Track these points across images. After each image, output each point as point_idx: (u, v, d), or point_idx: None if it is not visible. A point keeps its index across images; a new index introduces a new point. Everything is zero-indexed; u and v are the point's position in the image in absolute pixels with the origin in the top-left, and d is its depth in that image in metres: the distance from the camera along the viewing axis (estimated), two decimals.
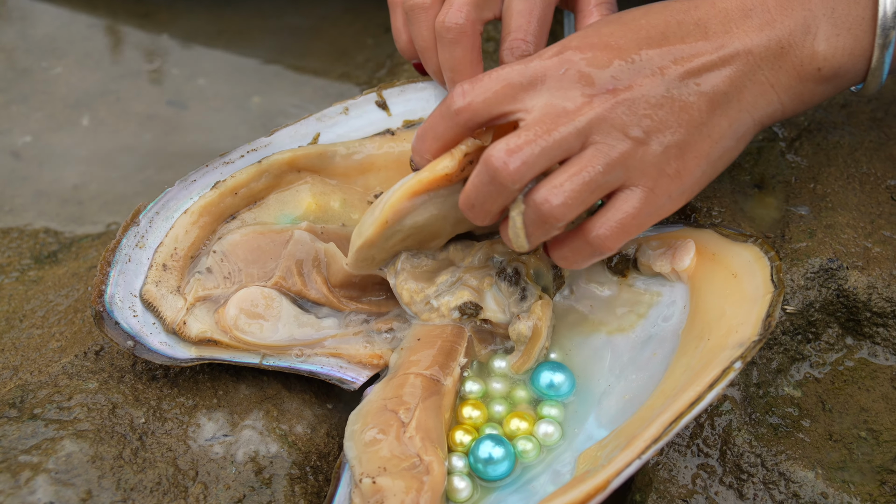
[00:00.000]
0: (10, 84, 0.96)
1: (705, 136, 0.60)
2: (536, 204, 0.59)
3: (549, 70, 0.60)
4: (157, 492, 0.60)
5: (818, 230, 0.69)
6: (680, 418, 0.55)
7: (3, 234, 0.81)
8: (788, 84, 0.62)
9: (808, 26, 0.61)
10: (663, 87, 0.59)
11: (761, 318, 0.58)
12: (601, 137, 0.59)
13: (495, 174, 0.58)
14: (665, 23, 0.61)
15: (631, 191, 0.60)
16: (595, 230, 0.60)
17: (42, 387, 0.64)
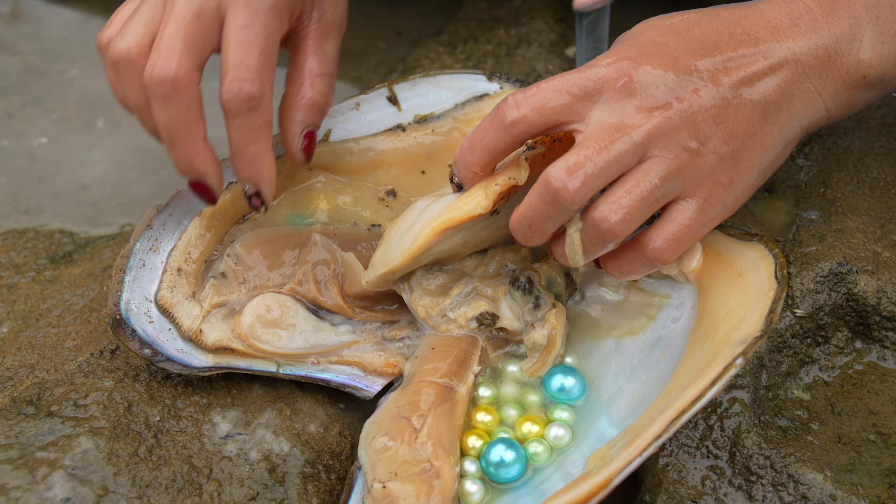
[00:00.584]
0: (26, 86, 0.96)
1: (757, 144, 0.61)
2: (595, 221, 0.59)
3: (607, 81, 0.59)
4: (172, 489, 0.60)
5: (828, 234, 0.69)
6: (681, 415, 0.55)
7: (19, 235, 0.81)
8: (835, 92, 0.62)
9: (853, 34, 0.62)
10: (718, 98, 0.59)
11: (764, 315, 0.59)
12: (658, 151, 0.59)
13: (556, 195, 0.57)
14: (717, 33, 0.61)
15: (686, 202, 0.60)
16: (652, 243, 0.60)
17: (58, 384, 0.64)
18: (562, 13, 0.96)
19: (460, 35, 0.95)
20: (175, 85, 0.58)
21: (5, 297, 0.74)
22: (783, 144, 0.62)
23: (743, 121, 0.60)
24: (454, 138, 0.73)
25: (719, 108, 0.59)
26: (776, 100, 0.61)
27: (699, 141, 0.59)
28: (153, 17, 0.60)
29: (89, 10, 1.04)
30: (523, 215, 0.60)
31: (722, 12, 0.63)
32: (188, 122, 0.59)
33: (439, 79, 0.74)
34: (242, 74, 0.59)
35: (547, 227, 0.60)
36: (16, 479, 0.58)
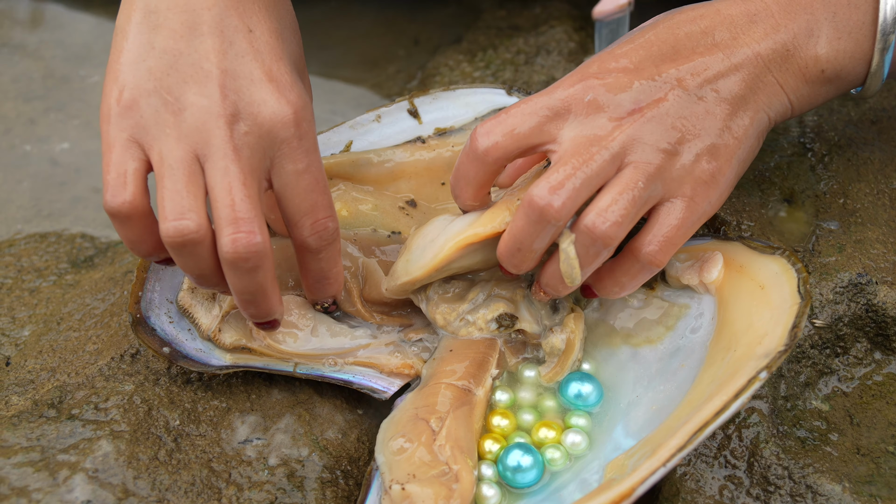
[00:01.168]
0: (48, 92, 0.97)
1: (731, 138, 0.61)
2: (588, 229, 0.59)
3: (574, 98, 0.60)
4: (192, 493, 0.60)
5: (847, 245, 0.69)
6: (705, 427, 0.55)
7: (41, 239, 0.82)
8: (795, 85, 0.64)
9: (811, 30, 0.63)
10: (685, 99, 0.61)
11: (787, 329, 0.59)
12: (635, 157, 0.59)
13: (542, 213, 0.58)
14: (674, 37, 0.63)
15: (671, 203, 0.61)
16: (645, 247, 0.61)
17: (79, 388, 0.65)
18: (581, 22, 0.96)
19: (479, 43, 0.95)
20: (262, 255, 0.56)
21: (27, 301, 0.75)
22: (755, 136, 0.63)
23: (714, 118, 0.61)
24: None
25: (688, 109, 0.61)
26: (742, 94, 0.62)
27: (673, 141, 0.60)
28: (195, 181, 0.56)
29: (111, 15, 1.05)
30: (510, 240, 0.60)
31: (676, 16, 0.64)
32: (272, 280, 0.59)
33: (459, 93, 0.76)
34: (323, 214, 0.60)
35: (535, 248, 0.60)
36: (37, 481, 0.58)
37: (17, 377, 0.68)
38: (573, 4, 0.99)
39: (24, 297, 0.75)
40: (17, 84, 0.97)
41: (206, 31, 0.58)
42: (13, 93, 0.96)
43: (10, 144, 0.91)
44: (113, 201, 0.56)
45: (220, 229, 0.56)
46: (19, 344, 0.71)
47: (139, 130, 0.57)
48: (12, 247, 0.81)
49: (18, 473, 0.58)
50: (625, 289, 0.64)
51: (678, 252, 0.68)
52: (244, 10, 0.59)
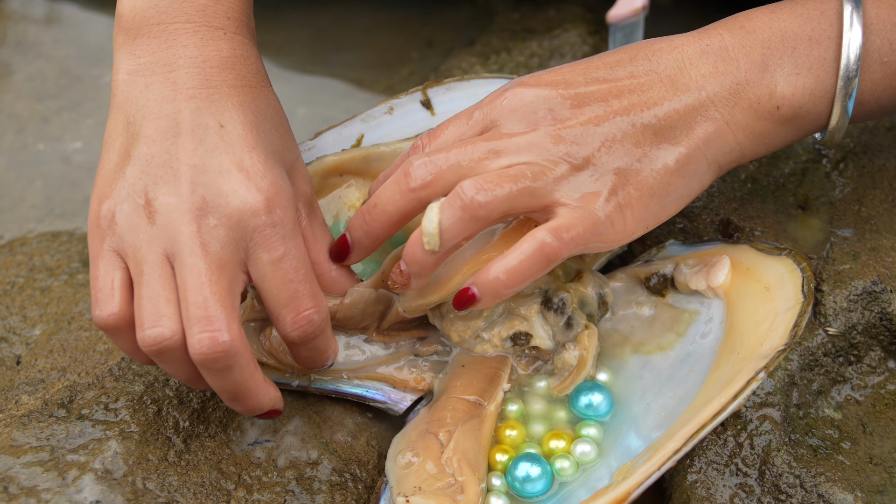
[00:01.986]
0: (62, 91, 0.97)
1: (648, 168, 0.60)
2: (462, 190, 0.58)
3: (494, 105, 0.61)
4: (201, 494, 0.60)
5: (862, 252, 0.69)
6: (701, 430, 0.55)
7: (52, 238, 0.82)
8: (745, 123, 0.61)
9: (766, 64, 0.60)
10: (601, 116, 0.60)
11: (789, 329, 0.59)
12: (531, 158, 0.59)
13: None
14: (618, 60, 0.62)
15: (569, 209, 0.59)
16: (544, 235, 0.58)
17: (90, 388, 0.65)
18: (595, 25, 0.95)
19: (493, 46, 0.95)
20: (231, 354, 0.54)
21: (38, 300, 0.75)
22: (684, 175, 0.61)
23: (631, 142, 0.60)
24: None
25: (603, 127, 0.60)
26: (671, 125, 0.60)
27: (579, 156, 0.59)
28: (165, 284, 0.55)
29: None
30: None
31: (633, 48, 0.63)
32: (251, 377, 0.57)
33: (474, 83, 0.75)
34: (305, 306, 0.58)
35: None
36: (46, 481, 0.58)
37: (28, 376, 0.68)
38: (587, 7, 0.99)
39: (36, 296, 0.75)
40: (30, 83, 0.97)
41: (178, 132, 0.58)
42: (27, 92, 0.96)
43: (23, 143, 0.92)
44: (101, 315, 0.56)
45: (188, 329, 0.54)
46: (30, 343, 0.71)
47: (116, 239, 0.57)
48: (24, 245, 0.81)
49: (28, 473, 0.59)
50: (510, 274, 0.58)
51: (686, 258, 0.68)
52: (217, 108, 0.59)
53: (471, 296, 0.60)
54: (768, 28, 0.61)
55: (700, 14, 1.01)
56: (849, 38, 0.60)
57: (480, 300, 0.60)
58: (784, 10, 0.62)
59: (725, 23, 0.62)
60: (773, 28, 0.61)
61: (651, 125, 0.60)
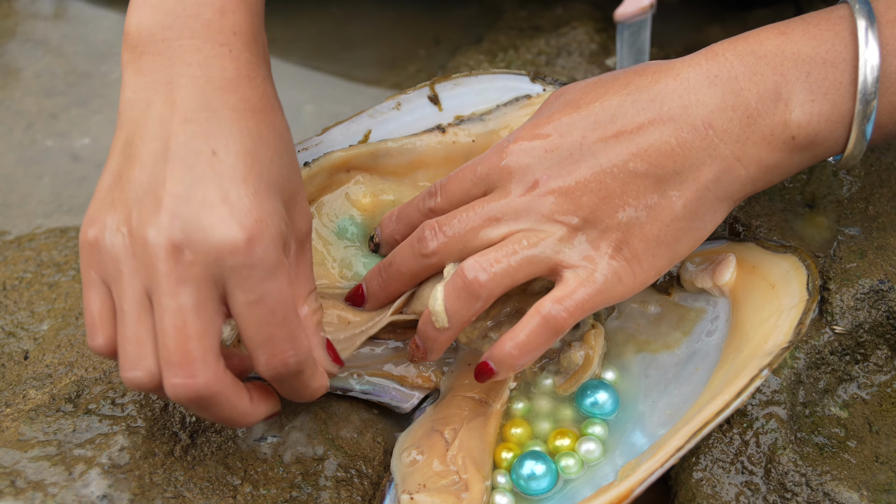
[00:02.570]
0: (70, 88, 0.98)
1: (652, 218, 0.59)
2: (463, 271, 0.59)
3: (493, 166, 0.62)
4: (207, 489, 0.60)
5: (869, 251, 0.69)
6: (703, 427, 0.56)
7: (61, 234, 0.82)
8: (758, 156, 0.58)
9: (779, 93, 0.57)
10: (599, 171, 0.59)
11: (793, 326, 0.58)
12: (532, 223, 0.59)
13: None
14: (619, 103, 0.60)
15: (574, 272, 0.59)
16: (547, 307, 0.59)
17: (97, 383, 0.65)
18: (603, 23, 0.95)
19: (500, 44, 0.95)
20: (208, 395, 0.53)
21: (46, 295, 0.75)
22: (691, 217, 0.59)
23: (633, 194, 0.58)
24: (494, 139, 0.73)
25: (602, 183, 0.59)
26: (676, 170, 0.58)
27: (578, 216, 0.59)
28: (143, 325, 0.54)
29: None
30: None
31: (635, 79, 0.60)
32: (233, 409, 0.56)
33: (482, 78, 0.74)
34: (280, 349, 0.55)
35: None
36: (53, 475, 0.58)
37: (35, 371, 0.69)
38: (595, 6, 0.99)
39: (44, 292, 0.76)
40: (38, 79, 0.98)
41: (169, 157, 0.54)
42: (35, 88, 0.97)
43: (31, 139, 0.92)
44: (92, 344, 0.56)
45: (164, 373, 0.53)
46: (38, 338, 0.72)
47: (102, 268, 0.55)
48: (32, 241, 0.81)
49: (35, 467, 0.59)
50: (521, 347, 0.59)
51: (692, 255, 0.68)
52: (213, 134, 0.55)
53: (489, 369, 0.61)
54: (780, 52, 0.58)
55: (708, 12, 1.01)
56: (865, 57, 0.56)
57: (498, 373, 0.61)
58: (796, 32, 0.59)
59: (735, 46, 0.59)
60: (786, 52, 0.58)
61: (654, 174, 0.58)
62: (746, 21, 1.00)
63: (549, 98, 0.65)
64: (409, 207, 0.67)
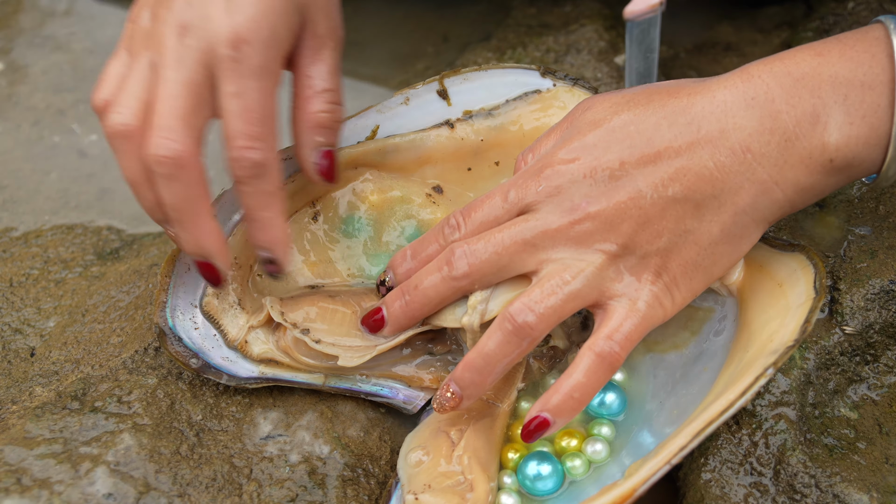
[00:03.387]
0: (78, 84, 0.98)
1: (691, 243, 0.59)
2: (512, 316, 0.59)
3: (528, 191, 0.61)
4: (213, 488, 0.60)
5: (880, 251, 0.68)
6: (707, 426, 0.55)
7: (67, 230, 0.82)
8: (795, 179, 0.58)
9: (817, 116, 0.57)
10: (638, 197, 0.58)
11: (799, 325, 0.58)
12: (571, 254, 0.59)
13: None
14: (655, 126, 0.59)
15: (618, 302, 0.59)
16: (600, 345, 0.59)
17: (103, 380, 0.65)
18: (612, 21, 0.95)
19: (509, 41, 0.94)
20: (178, 164, 0.57)
21: (53, 292, 0.75)
22: (728, 241, 0.59)
23: (671, 219, 0.58)
24: (503, 135, 0.72)
25: (641, 209, 0.58)
26: (714, 194, 0.58)
27: (617, 243, 0.59)
28: (144, 87, 0.58)
29: None
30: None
31: (669, 101, 0.59)
32: (195, 201, 0.58)
33: (492, 73, 0.73)
34: (245, 143, 0.58)
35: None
36: (59, 473, 0.58)
37: (42, 368, 0.69)
38: (604, 3, 0.98)
39: (50, 288, 0.76)
40: (46, 75, 0.98)
41: None
42: (43, 84, 0.97)
43: (38, 135, 0.92)
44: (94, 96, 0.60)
45: (148, 132, 0.57)
46: (44, 335, 0.72)
47: (129, 41, 0.60)
48: (39, 238, 0.81)
49: (41, 465, 0.59)
50: (581, 389, 0.59)
51: None
52: None
53: (543, 422, 0.60)
54: (817, 74, 0.57)
55: (718, 10, 1.01)
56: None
57: (554, 424, 0.60)
58: (832, 53, 0.58)
59: (771, 67, 0.58)
60: (823, 74, 0.57)
61: (692, 198, 0.58)
62: (757, 18, 0.99)
63: (576, 111, 0.63)
64: (425, 243, 0.65)
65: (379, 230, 0.72)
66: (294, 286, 0.69)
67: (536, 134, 0.72)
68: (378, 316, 0.65)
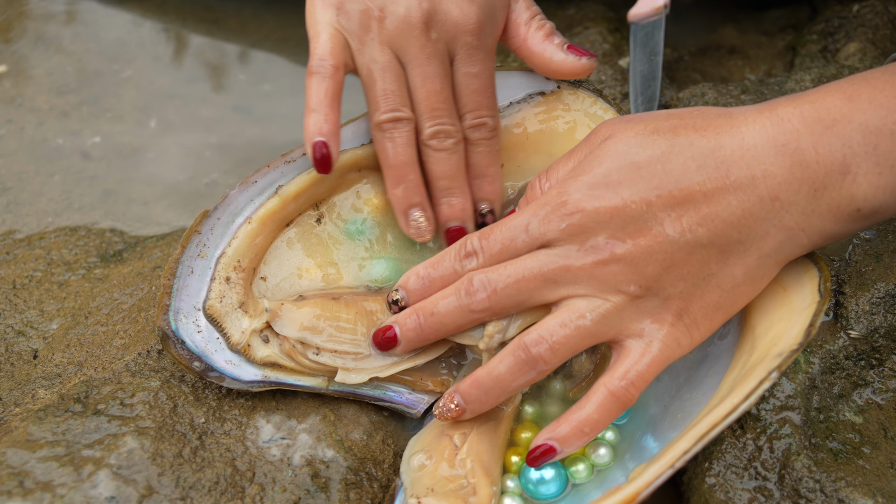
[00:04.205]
0: (82, 86, 0.98)
1: (713, 286, 0.59)
2: (526, 346, 0.59)
3: (551, 226, 0.60)
4: (215, 491, 0.60)
5: (885, 254, 0.68)
6: (711, 430, 0.55)
7: (71, 232, 0.82)
8: (822, 227, 0.58)
9: (846, 166, 0.56)
10: (666, 240, 0.58)
11: (804, 329, 0.58)
12: (592, 291, 0.59)
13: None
14: (683, 169, 0.58)
15: (635, 341, 0.59)
16: (615, 384, 0.59)
17: (106, 383, 0.65)
18: (616, 24, 0.95)
19: None
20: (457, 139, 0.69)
21: (56, 294, 0.75)
22: (751, 283, 0.60)
23: (696, 263, 0.58)
24: (507, 137, 0.72)
25: (667, 252, 0.58)
26: (740, 239, 0.58)
27: (640, 285, 0.58)
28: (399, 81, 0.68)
29: (145, 11, 1.05)
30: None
31: (696, 139, 0.59)
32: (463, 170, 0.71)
33: (496, 75, 0.73)
34: (487, 112, 0.69)
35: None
36: (61, 476, 0.58)
37: (45, 371, 0.68)
38: (608, 6, 0.98)
39: (53, 291, 0.75)
40: (50, 77, 0.98)
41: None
42: (47, 86, 0.97)
43: (42, 137, 0.92)
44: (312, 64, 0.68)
45: (421, 119, 0.68)
46: (47, 337, 0.72)
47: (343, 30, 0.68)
48: (42, 239, 0.81)
49: (43, 468, 0.59)
50: (592, 424, 0.59)
51: None
52: None
53: (549, 450, 0.60)
54: (848, 122, 0.56)
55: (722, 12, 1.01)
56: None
57: (561, 452, 0.60)
58: (862, 99, 0.57)
59: (800, 109, 0.58)
60: (854, 122, 0.56)
61: (718, 243, 0.58)
62: (761, 21, 0.99)
63: (594, 137, 0.63)
64: (440, 268, 0.65)
65: (383, 232, 0.72)
66: (297, 289, 0.69)
67: (541, 136, 0.72)
68: (390, 334, 0.65)
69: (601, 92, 0.72)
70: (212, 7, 1.06)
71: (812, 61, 0.89)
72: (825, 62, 0.88)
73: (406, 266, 0.71)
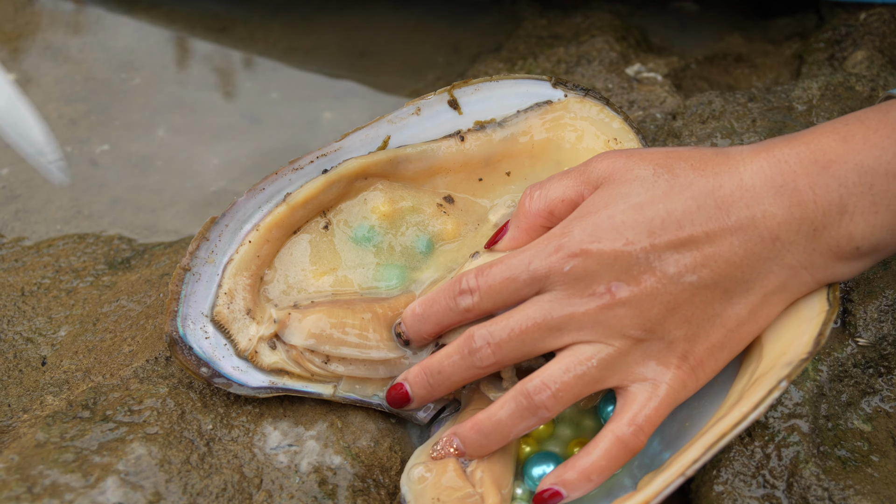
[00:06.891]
0: (90, 94, 0.98)
1: (718, 326, 0.59)
2: (529, 393, 0.59)
3: (553, 268, 0.60)
4: (223, 498, 0.60)
5: (893, 262, 0.68)
6: (721, 439, 0.55)
7: (79, 239, 0.82)
8: (824, 265, 0.58)
9: (843, 206, 0.57)
10: (669, 283, 0.58)
11: (813, 338, 0.58)
12: (596, 336, 0.59)
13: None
14: (684, 209, 0.58)
15: (641, 386, 0.59)
16: (623, 430, 0.59)
17: (114, 389, 0.65)
18: (623, 32, 0.95)
19: (520, 52, 0.94)
20: None
21: (64, 301, 0.75)
22: (754, 321, 0.60)
23: (700, 304, 0.58)
24: (514, 145, 0.72)
25: (671, 294, 0.58)
26: (744, 279, 0.58)
27: (645, 329, 0.58)
28: None
29: (153, 20, 1.05)
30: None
31: (695, 179, 0.59)
32: None
33: (503, 83, 0.73)
34: None
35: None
36: (69, 482, 0.58)
37: (53, 377, 0.69)
38: (615, 14, 0.98)
39: (62, 298, 0.76)
40: (59, 85, 0.98)
41: None
42: (55, 94, 0.97)
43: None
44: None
45: None
46: (55, 344, 0.72)
47: None
48: (51, 247, 0.82)
49: (51, 474, 0.59)
50: (600, 472, 0.59)
51: None
52: None
53: (555, 494, 0.60)
54: (844, 163, 0.57)
55: (728, 21, 1.01)
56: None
57: (567, 497, 0.60)
58: (857, 139, 0.57)
59: (796, 150, 0.58)
60: (849, 162, 0.57)
61: (721, 284, 0.58)
62: (768, 29, 0.99)
63: (591, 171, 0.63)
64: (436, 305, 0.64)
65: (390, 240, 0.72)
66: (304, 295, 0.69)
67: (547, 145, 0.72)
68: (402, 392, 0.65)
69: (608, 100, 0.72)
70: (220, 15, 1.06)
71: (819, 69, 0.89)
72: (832, 70, 0.88)
73: (412, 273, 0.71)
